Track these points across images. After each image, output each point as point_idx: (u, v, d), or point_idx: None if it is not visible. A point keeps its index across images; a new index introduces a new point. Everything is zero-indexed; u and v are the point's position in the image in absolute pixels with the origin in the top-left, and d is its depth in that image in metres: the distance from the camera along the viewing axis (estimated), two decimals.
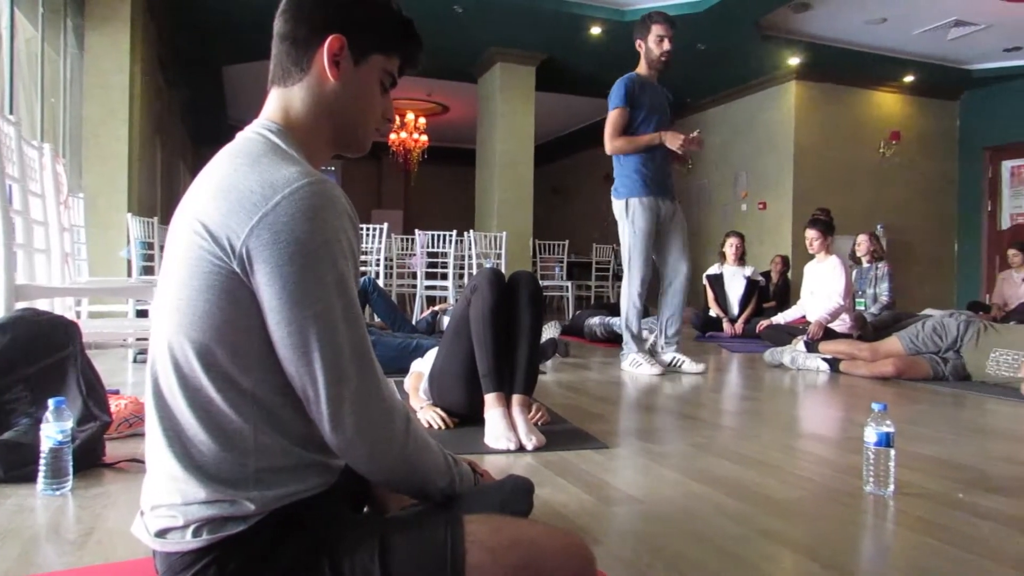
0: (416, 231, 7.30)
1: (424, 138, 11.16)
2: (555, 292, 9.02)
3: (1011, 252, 6.80)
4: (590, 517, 1.57)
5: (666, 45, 3.95)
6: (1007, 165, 9.27)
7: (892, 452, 1.75)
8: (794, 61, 8.49)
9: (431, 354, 2.61)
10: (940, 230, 9.74)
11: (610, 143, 3.98)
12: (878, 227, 8.75)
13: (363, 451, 0.90)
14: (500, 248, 7.31)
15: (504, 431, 2.14)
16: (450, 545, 0.90)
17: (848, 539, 1.53)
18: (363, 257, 7.02)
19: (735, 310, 6.36)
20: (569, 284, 8.61)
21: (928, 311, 5.89)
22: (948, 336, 3.84)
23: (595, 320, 5.60)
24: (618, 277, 10.36)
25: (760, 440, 2.40)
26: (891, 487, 1.75)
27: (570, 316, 7.29)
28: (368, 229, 6.89)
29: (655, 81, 4.07)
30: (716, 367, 4.41)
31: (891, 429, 1.74)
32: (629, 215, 3.94)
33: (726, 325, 6.24)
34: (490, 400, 2.20)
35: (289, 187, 0.85)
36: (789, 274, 7.87)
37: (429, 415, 2.39)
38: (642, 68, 4.06)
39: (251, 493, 0.88)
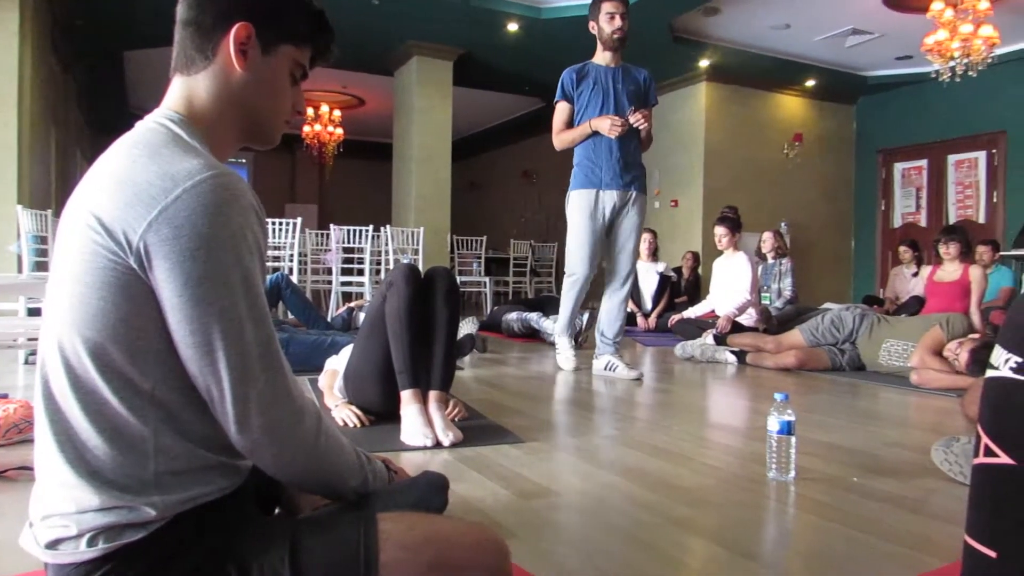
0: (331, 226, 7.15)
1: (339, 131, 10.94)
2: (473, 288, 9.02)
3: (902, 249, 7.24)
4: (506, 511, 1.58)
5: (617, 22, 3.69)
6: (899, 167, 9.86)
7: (793, 440, 1.84)
8: (704, 63, 8.76)
9: (346, 351, 2.56)
10: (838, 228, 10.27)
11: (554, 140, 3.82)
12: (782, 224, 9.15)
13: (271, 452, 0.88)
14: (417, 244, 7.25)
15: (421, 428, 2.12)
16: (363, 544, 0.88)
17: (752, 524, 1.60)
18: (276, 252, 6.83)
19: (648, 305, 6.53)
20: (487, 280, 8.63)
21: (827, 305, 6.20)
22: (845, 329, 4.05)
23: (513, 316, 5.63)
24: (536, 273, 10.52)
25: (671, 431, 2.47)
26: (792, 473, 1.84)
27: (488, 312, 7.31)
28: (281, 224, 6.70)
29: (616, 64, 3.80)
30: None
31: (792, 418, 1.83)
32: (568, 209, 3.78)
33: (639, 319, 6.39)
34: (406, 397, 2.18)
35: (191, 180, 0.81)
36: (700, 270, 8.14)
37: (344, 413, 2.36)
38: (598, 53, 3.82)
39: (151, 498, 0.84)
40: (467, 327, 4.69)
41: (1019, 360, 0.82)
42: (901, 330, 3.87)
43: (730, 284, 5.18)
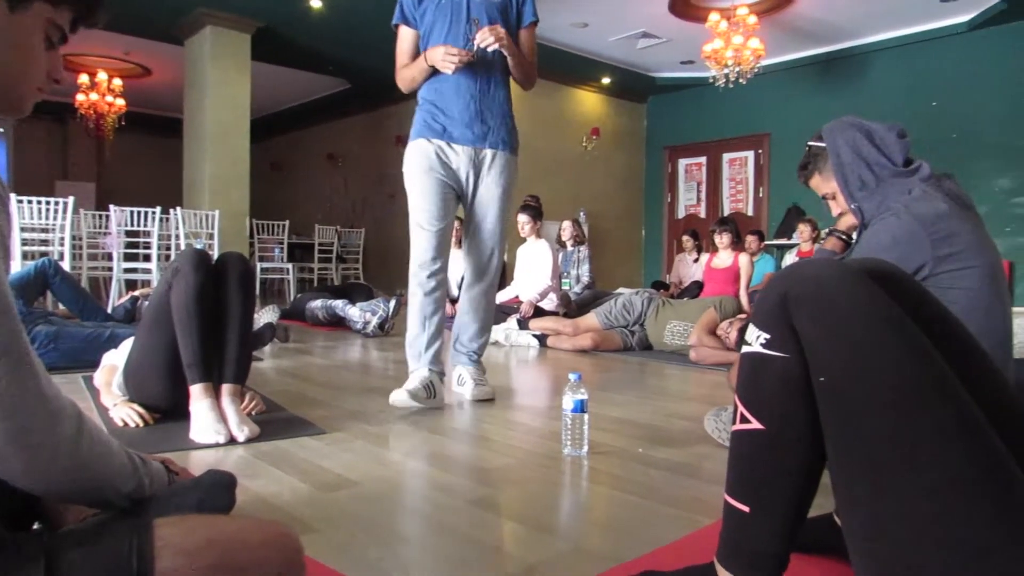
0: (111, 207, 6.49)
1: (121, 102, 9.91)
2: (275, 275, 8.63)
3: (684, 238, 7.92)
4: (305, 505, 1.53)
5: None
6: (682, 163, 10.78)
7: (586, 417, 1.95)
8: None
9: (127, 344, 2.34)
10: (631, 218, 11.04)
11: (396, 77, 2.81)
12: (580, 213, 9.66)
13: (19, 462, 0.78)
14: (212, 227, 6.79)
15: (213, 423, 1.99)
16: (136, 553, 0.81)
17: (549, 499, 1.68)
18: (43, 236, 6.08)
19: (455, 291, 6.61)
20: (290, 266, 8.29)
21: (621, 290, 6.64)
22: (634, 312, 4.37)
23: (317, 303, 5.45)
24: (343, 260, 10.26)
25: (473, 413, 2.53)
26: (585, 448, 1.95)
27: (291, 299, 7.02)
28: (48, 204, 5.97)
29: None
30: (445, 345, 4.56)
31: (585, 396, 1.94)
32: (404, 169, 2.76)
33: (447, 306, 6.45)
34: (196, 392, 2.03)
35: None
36: (505, 256, 8.36)
37: (124, 412, 2.15)
38: None
39: None
40: (268, 316, 4.48)
41: (768, 337, 0.92)
42: (682, 312, 4.24)
43: (532, 270, 5.37)
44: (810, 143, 1.85)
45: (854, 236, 1.85)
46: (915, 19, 7.90)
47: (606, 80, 10.08)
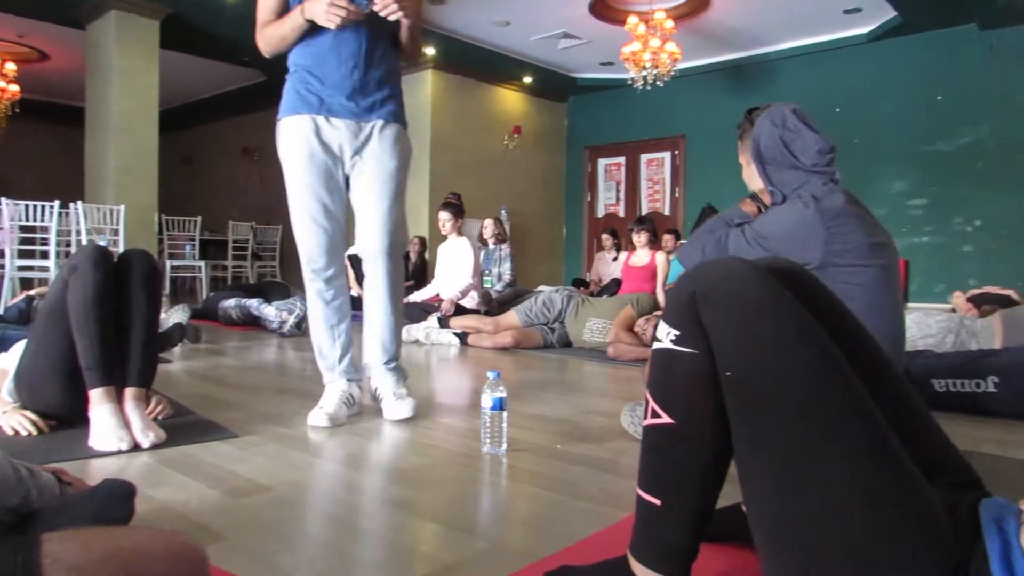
0: (2, 200, 6.09)
1: (15, 88, 9.32)
2: (186, 272, 8.30)
3: (604, 236, 8.06)
4: (213, 513, 1.47)
5: None
6: (602, 163, 10.96)
7: (505, 414, 1.95)
8: (431, 52, 8.92)
9: (18, 347, 2.20)
10: (552, 216, 11.15)
11: (257, 38, 2.40)
12: (502, 211, 9.69)
13: None
14: (117, 223, 6.46)
15: (114, 429, 1.89)
16: (22, 573, 0.76)
17: (468, 498, 1.67)
18: None
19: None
20: (203, 264, 7.99)
21: (541, 288, 6.70)
22: (554, 309, 4.42)
23: (231, 302, 5.28)
24: (259, 257, 9.96)
25: None
26: (504, 446, 1.96)
27: (203, 298, 6.77)
28: None
29: None
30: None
31: (504, 394, 1.94)
32: (279, 150, 2.37)
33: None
34: (96, 396, 1.93)
35: None
36: (426, 255, 8.31)
37: (15, 420, 2.02)
38: None
39: None
40: (177, 315, 4.30)
41: (677, 333, 0.94)
42: (601, 309, 4.31)
43: (454, 268, 5.36)
44: (750, 110, 1.94)
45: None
46: (820, 29, 8.27)
47: (527, 79, 10.14)
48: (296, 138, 2.31)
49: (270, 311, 4.94)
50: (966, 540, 0.79)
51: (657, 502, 0.97)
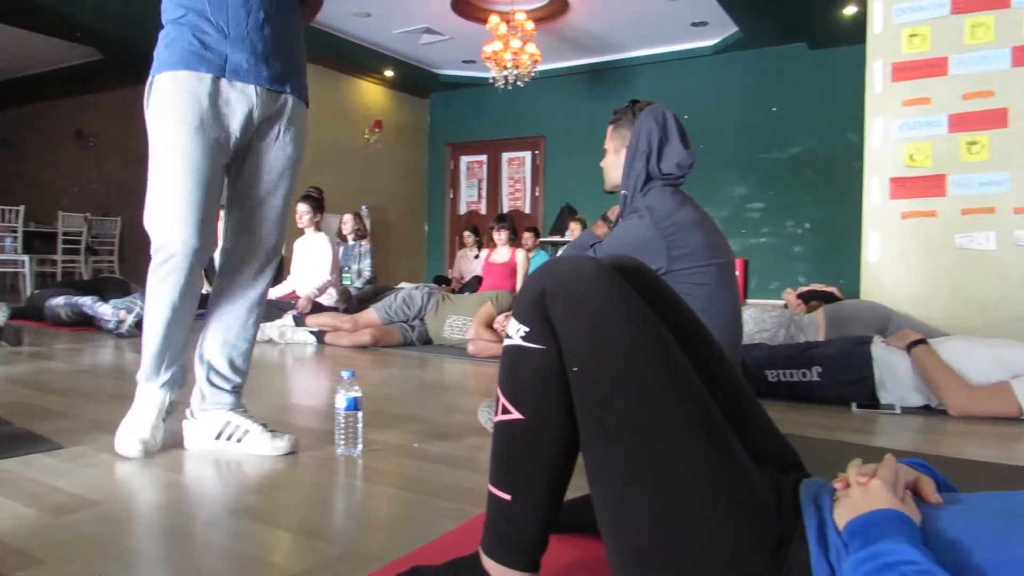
0: None
1: None
2: (7, 268, 7.52)
3: (466, 233, 8.09)
4: (30, 534, 1.33)
5: None
6: (464, 160, 11.00)
7: (360, 414, 1.91)
8: None
9: None
10: (414, 213, 11.06)
11: None
12: (363, 207, 9.50)
13: None
14: None
15: None
16: None
17: (319, 502, 1.61)
18: None
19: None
20: (27, 258, 7.27)
21: (403, 284, 6.63)
22: (415, 306, 4.38)
23: (59, 300, 4.83)
24: (94, 252, 9.18)
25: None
26: (359, 446, 1.91)
27: (27, 296, 6.16)
28: None
29: None
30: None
31: (359, 394, 1.89)
32: (151, 113, 1.82)
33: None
34: None
35: None
36: (284, 250, 7.99)
37: None
38: None
39: None
40: None
41: (527, 330, 0.95)
42: (461, 306, 4.32)
43: (311, 265, 5.18)
44: (634, 101, 2.00)
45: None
46: (671, 39, 8.73)
47: (389, 73, 10.00)
48: (185, 98, 1.77)
49: (106, 310, 4.56)
50: (788, 518, 0.85)
51: (507, 497, 0.98)
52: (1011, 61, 3.61)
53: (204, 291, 2.21)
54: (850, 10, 6.96)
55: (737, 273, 1.95)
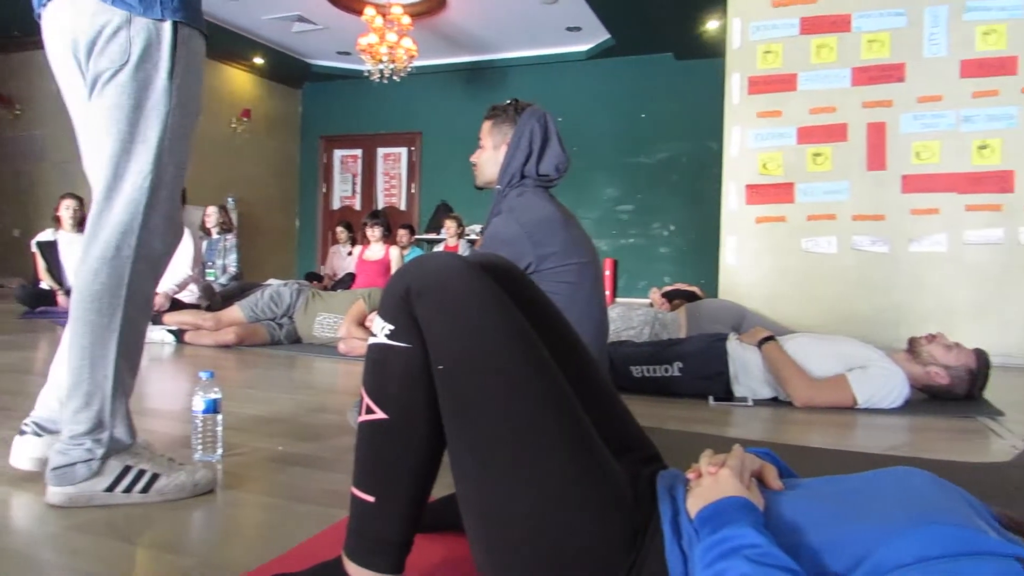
0: None
1: None
2: None
3: (339, 229, 7.90)
4: None
5: None
6: (338, 154, 10.72)
7: (220, 417, 1.81)
8: None
9: None
10: (284, 207, 10.67)
11: None
12: (229, 200, 9.06)
13: None
14: None
15: None
16: None
17: (173, 512, 1.52)
18: None
19: (70, 282, 5.73)
20: None
21: (271, 281, 6.38)
22: (283, 303, 4.22)
23: None
24: None
25: None
26: (219, 451, 1.81)
27: None
28: None
29: None
30: (50, 345, 3.90)
31: (218, 396, 1.80)
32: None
33: (60, 298, 5.58)
34: None
35: None
36: None
37: None
38: None
39: None
40: None
41: (392, 328, 0.94)
42: (332, 304, 4.20)
43: (172, 260, 4.88)
44: (516, 100, 2.01)
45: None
46: (546, 42, 8.90)
47: (258, 60, 9.58)
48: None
49: None
50: (646, 508, 0.88)
51: (371, 499, 0.96)
52: (851, 80, 3.94)
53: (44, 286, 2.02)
54: (713, 24, 7.36)
55: (607, 273, 2.02)
